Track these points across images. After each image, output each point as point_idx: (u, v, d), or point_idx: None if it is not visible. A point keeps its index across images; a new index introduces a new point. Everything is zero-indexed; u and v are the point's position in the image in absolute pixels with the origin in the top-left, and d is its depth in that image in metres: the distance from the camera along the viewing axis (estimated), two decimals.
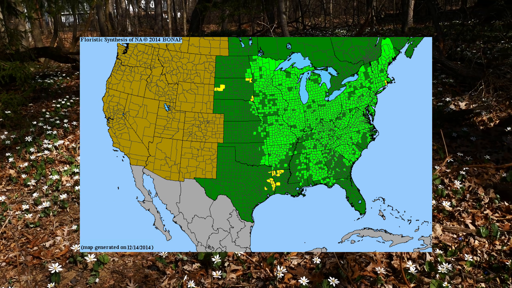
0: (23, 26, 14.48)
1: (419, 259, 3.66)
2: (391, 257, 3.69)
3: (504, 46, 11.89)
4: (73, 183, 5.56)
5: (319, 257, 3.66)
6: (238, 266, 3.70)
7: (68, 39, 24.27)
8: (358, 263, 3.61)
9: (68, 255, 4.03)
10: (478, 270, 3.52)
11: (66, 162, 6.31)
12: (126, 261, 3.94)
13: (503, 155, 5.61)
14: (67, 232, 4.45)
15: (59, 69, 14.18)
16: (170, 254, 3.90)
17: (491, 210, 4.40)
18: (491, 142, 6.07)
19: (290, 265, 3.69)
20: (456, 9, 22.46)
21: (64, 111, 8.88)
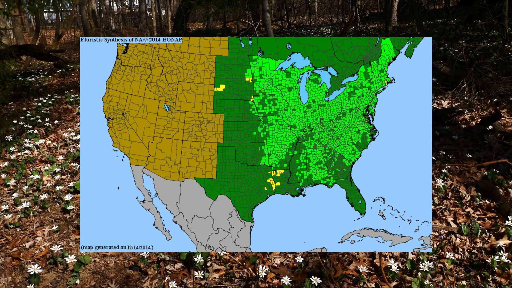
0: (4, 23, 14.33)
1: (401, 257, 3.69)
2: (374, 255, 3.72)
3: (486, 46, 12.05)
4: (54, 183, 5.49)
5: (302, 256, 3.67)
6: (220, 265, 3.69)
7: (50, 36, 24.03)
8: (341, 261, 3.62)
9: (48, 256, 3.97)
10: (459, 268, 3.56)
11: (47, 162, 6.21)
12: (107, 261, 3.90)
13: (484, 153, 5.70)
14: (48, 232, 4.38)
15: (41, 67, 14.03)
16: (152, 254, 3.87)
17: (472, 208, 4.46)
18: (473, 140, 6.16)
19: (273, 265, 3.69)
20: (439, 8, 22.67)
21: (46, 109, 8.76)
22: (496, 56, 10.71)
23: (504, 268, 3.41)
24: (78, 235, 4.28)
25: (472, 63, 9.51)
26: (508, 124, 6.84)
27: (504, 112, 7.19)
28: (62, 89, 10.62)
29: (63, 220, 4.64)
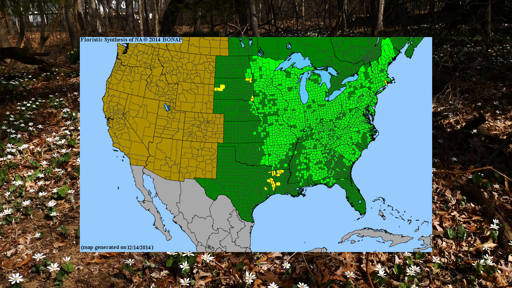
0: None
1: (388, 262, 3.69)
2: (361, 260, 3.71)
3: (470, 50, 12.22)
4: (38, 189, 5.37)
5: (289, 262, 3.64)
6: (207, 272, 3.62)
7: (35, 39, 23.75)
8: (328, 267, 3.60)
9: (30, 264, 3.84)
10: (446, 272, 3.57)
11: (31, 167, 6.08)
12: (91, 269, 3.79)
13: (469, 157, 5.75)
14: (30, 240, 4.25)
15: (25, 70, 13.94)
16: (137, 262, 3.78)
17: (458, 212, 4.48)
18: (458, 144, 6.21)
19: (260, 271, 3.64)
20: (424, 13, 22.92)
21: (30, 113, 8.61)
22: (480, 61, 10.90)
23: (489, 271, 3.43)
24: (61, 243, 4.19)
25: (457, 67, 9.64)
26: (492, 127, 6.95)
27: (488, 116, 7.33)
28: (47, 93, 10.51)
29: (46, 227, 4.53)
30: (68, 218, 4.73)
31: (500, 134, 6.73)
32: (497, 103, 7.73)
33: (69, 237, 4.29)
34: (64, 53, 19.28)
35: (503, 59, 10.82)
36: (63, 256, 3.93)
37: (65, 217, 4.74)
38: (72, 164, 6.10)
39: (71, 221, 4.66)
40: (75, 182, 5.58)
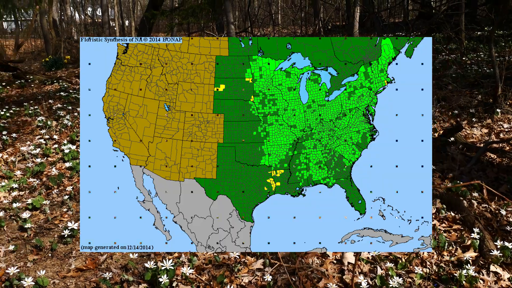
0: None
1: (370, 273, 3.69)
2: (343, 271, 3.71)
3: (445, 58, 12.32)
4: (11, 200, 5.27)
5: (271, 274, 3.63)
6: (187, 286, 3.58)
7: (10, 46, 23.19)
8: (310, 279, 3.59)
9: (4, 278, 3.73)
10: (428, 282, 3.57)
11: (4, 177, 5.90)
12: (67, 283, 3.71)
13: (448, 165, 5.78)
14: (4, 253, 4.16)
15: None
16: (115, 275, 3.74)
17: (438, 221, 4.49)
18: (436, 152, 6.22)
19: (241, 283, 3.62)
20: (399, 21, 23.18)
21: (3, 122, 8.40)
22: (455, 69, 11.06)
23: (472, 281, 3.43)
24: (36, 255, 4.12)
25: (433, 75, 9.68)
26: (469, 135, 7.03)
27: (465, 124, 7.43)
28: (21, 101, 10.27)
29: (20, 239, 4.46)
30: (43, 229, 4.65)
31: (477, 141, 6.83)
32: (473, 110, 7.87)
33: (44, 250, 4.23)
34: (39, 60, 18.85)
35: (477, 67, 10.98)
36: (38, 270, 3.86)
37: (40, 229, 4.66)
38: (47, 174, 6.03)
39: (46, 233, 4.57)
40: (51, 193, 5.50)
